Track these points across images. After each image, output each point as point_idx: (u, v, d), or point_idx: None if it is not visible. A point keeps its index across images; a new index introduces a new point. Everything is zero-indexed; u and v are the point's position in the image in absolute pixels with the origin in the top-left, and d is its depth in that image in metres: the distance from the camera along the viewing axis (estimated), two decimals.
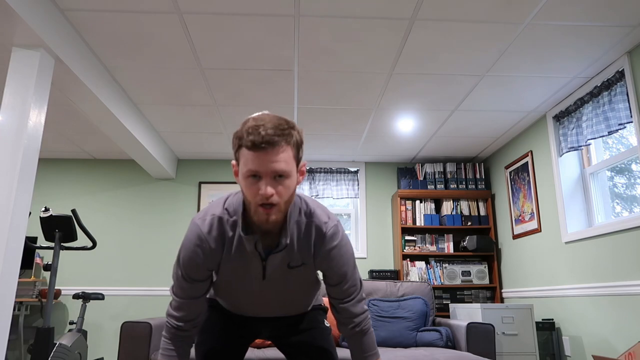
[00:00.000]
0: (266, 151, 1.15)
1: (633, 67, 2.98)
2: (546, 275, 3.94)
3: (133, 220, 5.04)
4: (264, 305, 1.50)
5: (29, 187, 2.49)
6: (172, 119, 4.13)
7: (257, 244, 1.29)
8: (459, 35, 2.87)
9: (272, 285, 1.41)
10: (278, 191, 1.18)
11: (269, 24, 2.77)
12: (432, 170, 5.05)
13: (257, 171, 1.17)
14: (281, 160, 1.17)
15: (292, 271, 1.37)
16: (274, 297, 1.47)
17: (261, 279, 1.38)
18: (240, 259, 1.34)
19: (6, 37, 2.47)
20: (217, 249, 1.32)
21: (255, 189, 1.18)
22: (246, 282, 1.40)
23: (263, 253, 1.32)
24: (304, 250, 1.34)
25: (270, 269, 1.36)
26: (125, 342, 2.93)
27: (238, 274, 1.38)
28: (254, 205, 1.20)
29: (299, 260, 1.35)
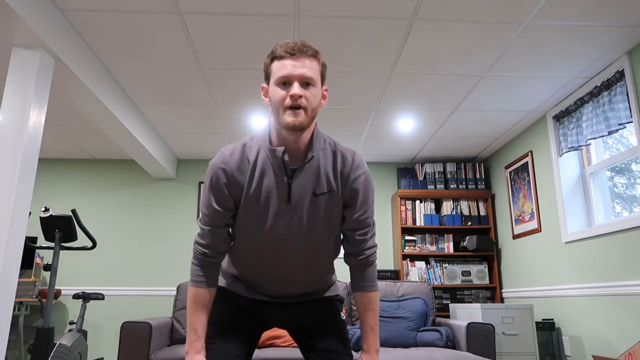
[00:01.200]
0: (296, 57, 1.29)
1: (633, 67, 2.98)
2: (546, 275, 3.94)
3: (133, 220, 5.04)
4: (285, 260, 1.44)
5: (29, 187, 2.49)
6: (172, 119, 4.13)
7: (284, 155, 1.33)
8: (459, 35, 2.87)
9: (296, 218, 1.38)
10: (305, 96, 1.28)
11: (269, 24, 2.77)
12: (432, 170, 5.05)
13: (288, 75, 1.28)
14: (309, 68, 1.30)
15: (318, 200, 1.37)
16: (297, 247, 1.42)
17: (285, 203, 1.36)
18: (265, 180, 1.36)
19: (6, 37, 2.47)
20: (239, 172, 1.36)
21: (284, 93, 1.28)
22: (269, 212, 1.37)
23: (289, 169, 1.35)
24: (331, 176, 1.38)
25: (296, 190, 1.36)
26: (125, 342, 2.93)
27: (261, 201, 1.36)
28: (283, 109, 1.28)
29: (324, 187, 1.37)
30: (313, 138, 1.37)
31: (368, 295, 1.45)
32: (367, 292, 1.46)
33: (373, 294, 1.46)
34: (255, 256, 1.45)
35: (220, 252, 1.43)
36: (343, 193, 1.40)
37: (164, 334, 3.24)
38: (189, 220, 5.06)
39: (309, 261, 1.46)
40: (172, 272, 4.91)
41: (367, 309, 1.46)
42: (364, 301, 1.46)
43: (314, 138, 1.37)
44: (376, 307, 1.46)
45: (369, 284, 1.46)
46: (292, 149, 1.35)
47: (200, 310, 1.40)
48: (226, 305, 1.53)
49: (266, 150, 1.36)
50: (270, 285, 1.50)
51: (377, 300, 1.47)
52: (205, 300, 1.41)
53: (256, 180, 1.36)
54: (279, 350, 3.01)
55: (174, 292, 4.84)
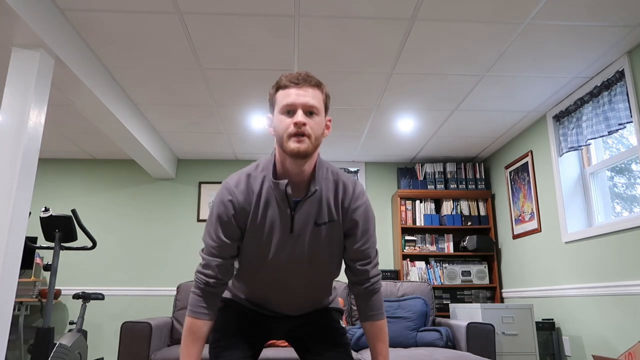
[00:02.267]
0: (300, 86, 1.32)
1: (633, 67, 2.98)
2: (546, 275, 3.94)
3: (133, 220, 5.04)
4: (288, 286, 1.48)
5: (29, 187, 2.49)
6: (172, 119, 4.13)
7: (287, 188, 1.36)
8: (459, 36, 2.87)
9: (298, 247, 1.42)
10: (309, 124, 1.31)
11: (269, 24, 2.77)
12: (432, 170, 5.05)
13: (292, 104, 1.31)
14: (313, 97, 1.33)
15: (319, 230, 1.40)
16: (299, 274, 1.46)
17: (288, 233, 1.40)
18: (269, 211, 1.39)
19: (6, 37, 2.47)
20: (245, 203, 1.39)
21: (289, 121, 1.32)
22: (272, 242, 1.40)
23: (292, 201, 1.38)
24: (332, 206, 1.41)
25: (299, 221, 1.39)
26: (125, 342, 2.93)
27: (265, 231, 1.39)
28: (287, 137, 1.31)
29: (325, 217, 1.40)
30: (316, 169, 1.39)
31: (377, 324, 1.44)
32: (376, 321, 1.45)
33: (382, 322, 1.45)
34: (258, 282, 1.50)
35: (223, 282, 1.43)
36: (344, 223, 1.42)
37: (164, 334, 3.24)
38: (189, 220, 5.06)
39: (311, 286, 1.51)
40: (172, 272, 4.91)
41: (377, 339, 1.44)
42: (374, 330, 1.44)
43: (316, 169, 1.39)
44: (386, 336, 1.45)
45: (377, 312, 1.45)
46: (295, 180, 1.38)
47: (195, 344, 1.38)
48: (230, 313, 1.57)
49: (270, 182, 1.39)
50: (272, 307, 1.57)
51: (386, 328, 1.46)
52: (202, 332, 1.39)
53: (261, 211, 1.39)
54: (279, 351, 3.01)
55: (174, 292, 4.84)
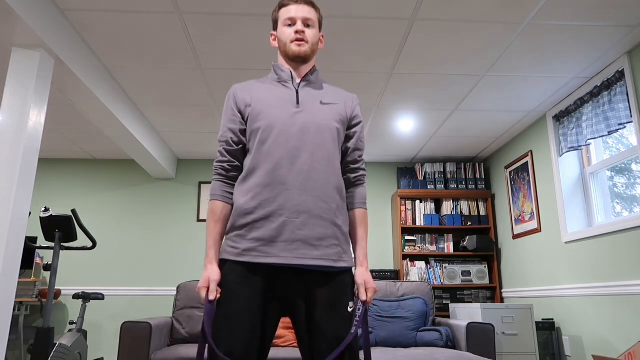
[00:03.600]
0: (299, 4, 1.58)
1: (633, 67, 2.98)
2: (546, 275, 3.94)
3: (133, 220, 5.04)
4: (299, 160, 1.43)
5: (29, 187, 2.49)
6: (172, 119, 4.13)
7: (290, 71, 1.58)
8: (459, 35, 2.87)
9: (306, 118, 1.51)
10: (307, 32, 1.56)
11: (269, 24, 2.77)
12: (432, 170, 5.05)
13: (293, 17, 1.56)
14: (309, 12, 1.58)
15: (324, 108, 1.55)
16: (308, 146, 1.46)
17: (295, 106, 1.52)
18: (273, 91, 1.56)
19: (6, 37, 2.47)
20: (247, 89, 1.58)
21: (290, 30, 1.56)
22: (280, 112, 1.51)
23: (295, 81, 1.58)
24: (336, 95, 1.61)
25: (304, 96, 1.55)
26: (125, 342, 2.93)
27: (271, 104, 1.52)
28: (290, 42, 1.55)
29: (330, 99, 1.58)
30: (314, 67, 1.63)
31: (361, 211, 1.59)
32: (361, 209, 1.60)
33: (365, 210, 1.61)
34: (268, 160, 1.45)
35: (235, 165, 1.55)
36: (346, 109, 1.60)
37: (164, 334, 3.24)
38: (189, 220, 5.06)
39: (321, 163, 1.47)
40: (172, 272, 4.91)
41: (360, 224, 1.58)
42: (358, 216, 1.58)
43: (315, 67, 1.63)
44: (367, 223, 1.61)
45: (362, 201, 1.61)
46: (297, 73, 1.60)
47: (217, 223, 1.49)
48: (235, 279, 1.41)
49: (273, 76, 1.61)
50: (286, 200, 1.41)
51: (367, 217, 1.62)
52: (222, 214, 1.51)
53: (265, 91, 1.56)
54: (279, 350, 3.01)
55: (174, 292, 4.84)
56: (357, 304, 1.45)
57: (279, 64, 1.61)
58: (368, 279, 1.49)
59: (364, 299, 1.46)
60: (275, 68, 1.61)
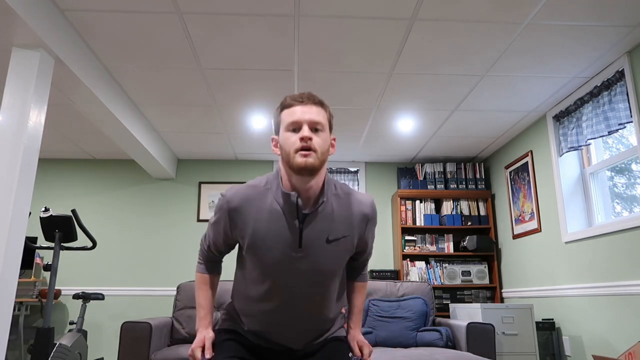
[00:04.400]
0: (305, 104, 1.35)
1: (633, 67, 2.98)
2: (546, 275, 3.94)
3: (133, 220, 5.04)
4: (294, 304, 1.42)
5: (29, 187, 2.49)
6: (172, 119, 4.13)
7: (297, 199, 1.35)
8: (459, 35, 2.87)
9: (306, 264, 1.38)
10: (315, 139, 1.33)
11: (269, 24, 2.77)
12: (432, 170, 5.05)
13: (298, 120, 1.33)
14: (317, 114, 1.35)
15: (330, 247, 1.39)
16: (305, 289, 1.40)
17: (297, 248, 1.37)
18: (274, 223, 1.36)
19: (6, 37, 2.47)
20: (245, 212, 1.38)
21: (295, 137, 1.33)
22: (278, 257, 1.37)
23: (302, 214, 1.36)
24: (345, 223, 1.40)
25: (308, 236, 1.37)
26: (125, 342, 2.93)
27: (270, 245, 1.36)
28: (294, 152, 1.32)
29: (338, 233, 1.39)
30: (324, 185, 1.39)
31: (362, 284, 1.64)
32: (362, 282, 1.65)
33: (365, 283, 1.66)
34: (264, 301, 1.43)
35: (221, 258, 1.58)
36: (359, 236, 1.45)
37: (164, 334, 3.24)
38: (189, 220, 5.06)
39: (317, 302, 1.45)
40: (172, 272, 4.91)
41: (358, 293, 1.63)
42: (357, 287, 1.63)
43: (325, 185, 1.39)
44: (365, 293, 1.65)
45: (362, 276, 1.66)
46: (303, 196, 1.36)
47: (207, 289, 1.51)
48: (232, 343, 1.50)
49: (277, 195, 1.38)
50: (278, 336, 1.47)
51: (366, 288, 1.66)
52: (211, 281, 1.53)
53: (265, 222, 1.36)
54: None
55: (174, 292, 4.84)
56: None
57: (284, 184, 1.38)
58: (360, 339, 1.58)
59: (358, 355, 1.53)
60: (281, 193, 1.38)
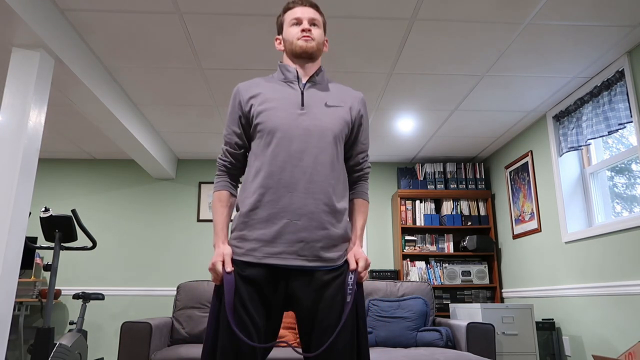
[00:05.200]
0: (305, 6, 1.61)
1: (633, 67, 2.98)
2: (546, 275, 3.94)
3: (133, 220, 5.04)
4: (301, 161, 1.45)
5: (29, 187, 2.49)
6: (172, 119, 4.13)
7: (296, 69, 1.58)
8: (459, 35, 2.87)
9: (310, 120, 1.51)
10: (313, 31, 1.57)
11: (269, 24, 2.77)
12: (432, 170, 5.05)
13: (299, 17, 1.58)
14: (315, 15, 1.60)
15: (329, 110, 1.55)
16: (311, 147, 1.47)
17: (300, 107, 1.53)
18: (278, 91, 1.56)
19: (6, 37, 2.47)
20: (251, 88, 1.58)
21: (297, 28, 1.57)
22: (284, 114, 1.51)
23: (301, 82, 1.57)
24: (340, 96, 1.60)
25: (309, 98, 1.55)
26: (125, 342, 2.93)
27: (276, 106, 1.52)
28: (296, 39, 1.56)
29: (335, 101, 1.58)
30: (320, 68, 1.63)
31: (361, 201, 1.65)
32: (361, 199, 1.65)
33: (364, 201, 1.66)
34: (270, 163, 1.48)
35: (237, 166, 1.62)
36: (351, 111, 1.60)
37: (164, 334, 3.24)
38: (189, 220, 5.06)
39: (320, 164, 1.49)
40: (172, 272, 4.91)
41: (358, 211, 1.63)
42: (357, 204, 1.64)
43: (321, 68, 1.63)
44: (365, 212, 1.66)
45: (363, 192, 1.67)
46: (302, 72, 1.59)
47: (222, 206, 1.57)
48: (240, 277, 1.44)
49: (279, 74, 1.61)
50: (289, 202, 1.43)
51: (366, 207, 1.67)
52: (228, 200, 1.58)
53: (271, 91, 1.56)
54: (279, 351, 3.01)
55: (174, 292, 4.84)
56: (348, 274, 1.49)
57: (285, 64, 1.61)
58: (358, 252, 1.53)
59: (353, 268, 1.49)
60: (281, 67, 1.61)
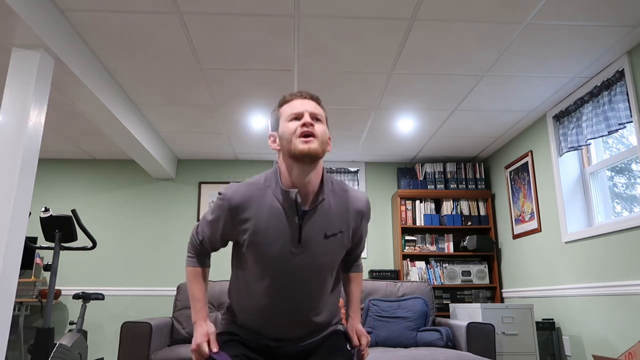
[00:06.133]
0: (304, 98, 1.41)
1: (633, 67, 2.98)
2: (546, 275, 3.94)
3: (133, 220, 5.04)
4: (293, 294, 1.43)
5: (29, 187, 2.49)
6: (172, 119, 4.13)
7: (296, 196, 1.36)
8: (459, 35, 2.87)
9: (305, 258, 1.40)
10: (316, 127, 1.35)
11: (269, 24, 2.77)
12: (432, 170, 5.05)
13: (299, 112, 1.37)
14: (316, 108, 1.40)
15: (328, 242, 1.41)
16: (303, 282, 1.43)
17: (296, 244, 1.39)
18: (274, 220, 1.38)
19: (6, 37, 2.47)
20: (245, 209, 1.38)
21: (296, 124, 1.35)
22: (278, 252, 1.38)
23: (301, 210, 1.38)
24: (342, 219, 1.44)
25: (307, 232, 1.39)
26: (125, 342, 2.93)
27: (269, 241, 1.37)
28: (296, 138, 1.33)
29: (335, 229, 1.42)
30: (323, 181, 1.41)
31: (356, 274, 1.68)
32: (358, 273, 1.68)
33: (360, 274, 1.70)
34: (262, 296, 1.44)
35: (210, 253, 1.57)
36: (354, 231, 1.49)
37: (164, 334, 3.24)
38: (189, 220, 5.06)
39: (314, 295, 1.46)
40: (172, 272, 4.91)
41: (354, 283, 1.66)
42: (353, 277, 1.66)
43: (324, 181, 1.41)
44: (361, 284, 1.68)
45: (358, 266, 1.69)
46: (302, 192, 1.38)
47: (200, 281, 1.51)
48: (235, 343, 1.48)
49: (276, 192, 1.39)
50: (275, 330, 1.47)
51: (361, 279, 1.70)
52: (203, 274, 1.53)
53: (265, 219, 1.37)
54: None
55: (174, 292, 4.84)
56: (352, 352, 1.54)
57: (282, 183, 1.39)
58: (359, 329, 1.58)
59: (356, 345, 1.54)
60: (280, 190, 1.39)
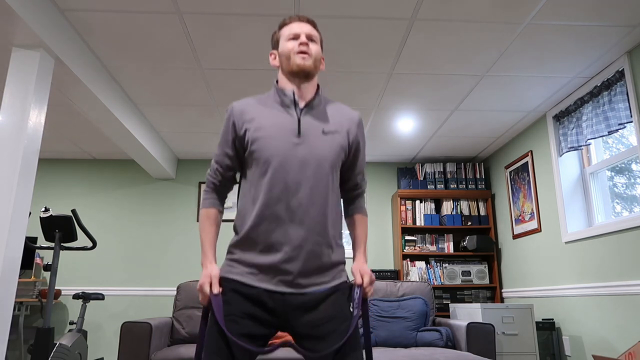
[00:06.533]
0: (303, 22, 1.56)
1: (633, 67, 2.98)
2: (546, 275, 3.94)
3: (133, 220, 5.04)
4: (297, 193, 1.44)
5: (29, 187, 2.49)
6: (172, 119, 4.13)
7: (293, 93, 1.52)
8: (459, 35, 2.87)
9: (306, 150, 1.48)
10: (311, 46, 1.52)
11: (269, 24, 2.77)
12: (432, 170, 5.05)
13: (297, 32, 1.53)
14: (313, 31, 1.55)
15: (326, 137, 1.52)
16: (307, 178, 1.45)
17: (296, 136, 1.48)
18: (274, 116, 1.51)
19: (6, 37, 2.47)
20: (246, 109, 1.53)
21: (294, 43, 1.51)
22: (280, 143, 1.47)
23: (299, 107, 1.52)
24: (336, 120, 1.56)
25: (306, 126, 1.50)
26: (125, 342, 2.94)
27: (271, 133, 1.48)
28: (293, 54, 1.50)
29: (332, 127, 1.54)
30: (318, 90, 1.57)
31: (360, 216, 1.66)
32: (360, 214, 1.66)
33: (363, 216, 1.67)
34: (265, 194, 1.45)
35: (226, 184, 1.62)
36: (348, 135, 1.58)
37: (164, 334, 3.24)
38: (189, 220, 5.06)
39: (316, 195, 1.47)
40: (172, 272, 4.91)
41: (359, 226, 1.64)
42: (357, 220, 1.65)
43: (318, 90, 1.57)
44: (365, 226, 1.67)
45: (363, 207, 1.68)
46: (299, 94, 1.53)
47: (210, 224, 1.56)
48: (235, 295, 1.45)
49: (276, 96, 1.55)
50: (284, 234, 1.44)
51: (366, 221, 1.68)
52: (216, 218, 1.58)
53: (266, 115, 1.51)
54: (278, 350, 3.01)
55: (174, 292, 4.84)
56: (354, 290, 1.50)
57: (281, 87, 1.55)
58: (363, 268, 1.54)
59: (359, 283, 1.50)
60: (278, 91, 1.55)
